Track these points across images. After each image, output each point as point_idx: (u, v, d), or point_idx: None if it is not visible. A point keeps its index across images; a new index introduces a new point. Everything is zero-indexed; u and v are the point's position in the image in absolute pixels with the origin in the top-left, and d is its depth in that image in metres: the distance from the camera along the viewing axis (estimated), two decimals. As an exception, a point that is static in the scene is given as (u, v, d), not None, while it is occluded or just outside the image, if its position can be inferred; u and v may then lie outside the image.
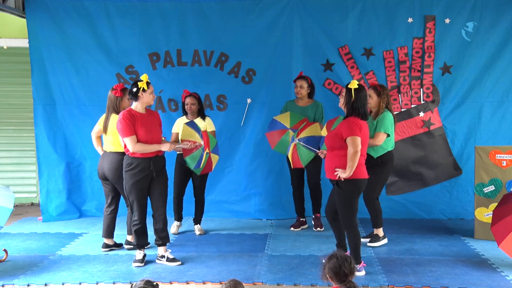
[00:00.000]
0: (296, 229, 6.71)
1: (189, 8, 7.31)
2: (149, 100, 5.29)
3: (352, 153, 4.83)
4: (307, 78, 6.50)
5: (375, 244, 5.95)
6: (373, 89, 5.84)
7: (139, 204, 5.34)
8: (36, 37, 7.29)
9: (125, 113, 5.22)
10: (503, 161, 6.13)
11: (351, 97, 4.93)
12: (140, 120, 5.23)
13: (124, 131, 5.17)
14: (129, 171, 5.27)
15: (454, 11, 7.17)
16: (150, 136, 5.26)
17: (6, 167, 8.47)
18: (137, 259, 5.42)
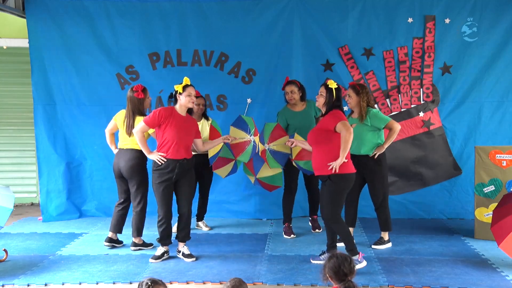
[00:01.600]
0: (289, 236, 6.49)
1: (189, 8, 7.31)
2: (186, 102, 5.44)
3: (346, 135, 4.94)
4: (296, 82, 6.42)
5: (379, 247, 5.93)
6: (352, 89, 5.80)
7: (164, 202, 5.46)
8: (36, 37, 7.29)
9: (165, 109, 5.44)
10: (503, 161, 6.13)
11: (332, 97, 5.11)
12: (176, 119, 5.39)
13: (148, 118, 5.39)
14: (157, 170, 5.41)
15: (454, 11, 7.18)
16: (181, 138, 5.38)
17: (6, 167, 8.47)
18: (156, 255, 5.55)
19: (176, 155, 5.38)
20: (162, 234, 5.56)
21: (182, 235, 5.63)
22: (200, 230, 6.80)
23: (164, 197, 5.46)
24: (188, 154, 5.50)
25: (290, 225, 6.59)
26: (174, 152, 5.37)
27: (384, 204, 5.90)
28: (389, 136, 5.76)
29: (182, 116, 5.47)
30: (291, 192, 6.54)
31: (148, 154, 5.47)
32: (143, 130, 5.43)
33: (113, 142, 6.01)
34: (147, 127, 5.41)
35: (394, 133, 5.74)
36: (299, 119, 6.37)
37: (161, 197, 5.45)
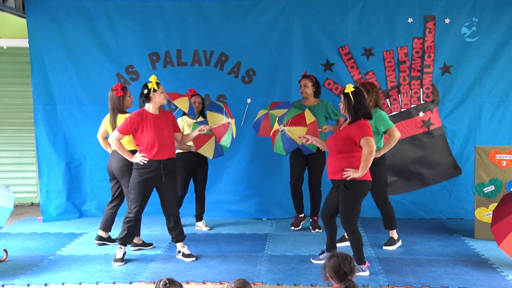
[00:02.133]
0: (296, 227, 6.69)
1: (189, 8, 7.31)
2: (161, 99, 5.38)
3: (367, 153, 4.82)
4: (311, 77, 6.48)
5: (390, 248, 5.91)
6: (362, 87, 5.75)
7: (139, 202, 5.40)
8: (36, 37, 7.29)
9: (135, 114, 5.32)
10: (503, 161, 6.13)
11: (350, 101, 4.95)
12: (151, 121, 5.31)
13: (122, 127, 5.30)
14: (138, 169, 5.36)
15: (454, 11, 7.18)
16: (160, 138, 5.33)
17: (6, 167, 8.48)
18: (118, 258, 5.44)
19: (159, 155, 5.33)
20: (126, 231, 5.41)
21: (175, 235, 5.59)
22: (200, 230, 6.79)
23: (141, 196, 5.37)
24: (171, 153, 5.45)
25: (300, 216, 6.68)
26: (157, 153, 5.32)
27: (385, 203, 5.89)
28: (387, 143, 5.71)
29: (156, 114, 5.38)
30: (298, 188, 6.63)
31: (130, 158, 5.38)
32: (118, 139, 5.35)
33: (108, 145, 5.98)
34: (122, 135, 5.34)
35: (392, 140, 5.68)
36: None
37: (138, 195, 5.35)
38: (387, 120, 5.73)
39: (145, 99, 5.37)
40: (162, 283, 3.26)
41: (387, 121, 5.72)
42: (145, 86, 5.35)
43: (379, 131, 5.72)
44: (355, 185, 4.92)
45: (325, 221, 5.30)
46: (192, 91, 6.53)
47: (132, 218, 5.43)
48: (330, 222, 5.27)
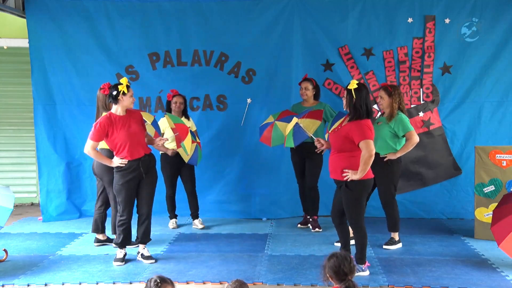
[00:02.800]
0: (303, 225, 6.77)
1: (189, 8, 7.31)
2: (129, 103, 5.36)
3: (366, 156, 4.78)
4: (312, 80, 6.52)
5: (390, 247, 5.91)
6: (384, 90, 5.81)
7: (128, 204, 5.40)
8: (36, 37, 7.29)
9: (104, 119, 5.29)
10: (503, 161, 6.13)
11: (352, 97, 4.90)
12: (120, 123, 5.29)
13: (92, 134, 5.29)
14: (119, 172, 5.34)
15: (454, 11, 7.18)
16: (131, 136, 5.31)
17: (6, 167, 8.47)
18: (118, 258, 5.47)
19: (134, 154, 5.33)
20: (123, 235, 5.44)
21: (142, 236, 5.55)
22: (197, 228, 6.79)
23: (128, 198, 5.38)
24: (146, 149, 5.45)
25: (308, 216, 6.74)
26: (133, 152, 5.31)
27: (391, 205, 5.88)
28: (405, 146, 5.75)
29: (123, 116, 5.34)
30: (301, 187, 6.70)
31: (110, 164, 5.36)
32: (93, 147, 5.32)
33: None
34: (96, 143, 5.31)
35: (410, 144, 5.73)
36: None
37: (125, 198, 5.36)
38: (407, 123, 5.74)
39: (113, 100, 5.32)
40: (153, 282, 3.23)
41: (406, 125, 5.73)
42: (114, 88, 5.30)
43: (398, 135, 5.72)
44: (356, 185, 4.90)
45: (335, 222, 5.24)
46: (174, 92, 6.61)
47: (124, 221, 5.43)
48: (340, 223, 5.22)
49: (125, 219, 5.43)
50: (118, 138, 5.27)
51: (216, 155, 7.43)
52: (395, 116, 5.74)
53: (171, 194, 6.77)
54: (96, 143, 5.33)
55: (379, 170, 5.76)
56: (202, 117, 7.36)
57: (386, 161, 5.76)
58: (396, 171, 5.85)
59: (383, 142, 5.74)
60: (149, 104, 7.41)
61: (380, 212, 6.18)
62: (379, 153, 5.70)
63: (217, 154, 7.43)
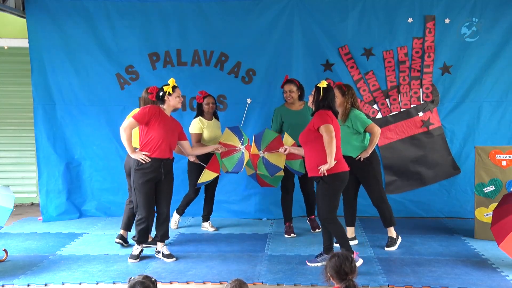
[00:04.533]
0: (289, 235, 6.50)
1: (189, 8, 7.31)
2: (176, 103, 5.49)
3: (328, 139, 4.96)
4: (295, 81, 6.42)
5: (392, 248, 5.89)
6: (338, 89, 5.75)
7: (147, 203, 5.44)
8: (36, 37, 7.29)
9: (155, 107, 5.41)
10: (503, 161, 6.14)
11: (319, 95, 5.13)
12: (164, 118, 5.39)
13: (138, 114, 5.36)
14: (140, 170, 5.37)
15: (454, 11, 7.18)
16: (166, 138, 5.39)
17: (6, 167, 8.47)
18: (134, 255, 5.53)
19: (162, 154, 5.38)
20: (141, 233, 5.51)
21: (161, 235, 5.62)
22: (206, 230, 6.78)
23: (147, 196, 5.42)
24: (171, 154, 5.52)
25: (291, 225, 6.58)
26: (161, 151, 5.36)
27: (382, 200, 5.88)
28: (371, 140, 5.73)
29: (168, 116, 5.48)
30: (288, 192, 6.54)
31: (131, 153, 5.38)
32: (132, 126, 5.35)
33: None
34: (136, 123, 5.34)
35: (374, 136, 5.71)
36: (294, 118, 6.38)
37: (144, 197, 5.40)
38: (363, 118, 5.74)
39: (159, 100, 5.45)
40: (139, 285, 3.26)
41: (363, 119, 5.72)
42: (161, 89, 5.46)
43: (359, 131, 5.71)
44: (332, 178, 5.05)
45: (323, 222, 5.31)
46: (203, 93, 6.52)
47: (143, 220, 5.48)
48: None
49: (144, 218, 5.46)
50: (155, 131, 5.33)
51: (216, 155, 7.42)
52: (349, 113, 5.73)
53: (193, 197, 6.65)
54: (136, 124, 5.33)
55: (360, 171, 5.79)
56: (202, 117, 7.36)
57: (362, 161, 5.75)
58: (376, 167, 5.86)
59: (348, 144, 5.70)
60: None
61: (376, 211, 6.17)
62: (352, 156, 5.73)
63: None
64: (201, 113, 6.54)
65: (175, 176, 6.64)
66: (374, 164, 5.83)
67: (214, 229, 6.75)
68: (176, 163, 6.73)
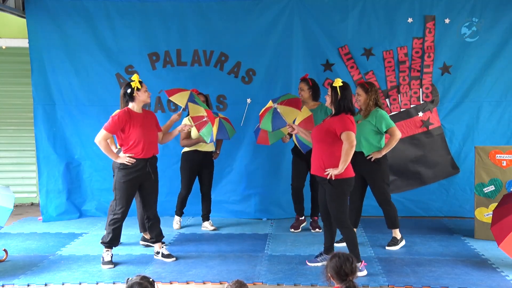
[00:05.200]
0: (296, 230, 6.67)
1: (189, 8, 7.31)
2: (145, 98, 5.35)
3: (347, 147, 4.86)
4: (309, 80, 6.43)
5: (394, 248, 5.90)
6: (361, 87, 5.80)
7: (126, 202, 5.35)
8: (36, 37, 7.29)
9: (123, 113, 5.26)
10: (503, 161, 6.14)
11: (337, 95, 5.01)
12: (136, 120, 5.28)
13: (109, 125, 5.22)
14: (124, 169, 5.30)
15: (454, 11, 7.19)
16: (146, 136, 5.31)
17: (6, 167, 8.47)
18: (107, 261, 5.37)
19: (146, 154, 5.32)
20: (112, 234, 5.35)
21: (155, 235, 5.57)
22: (206, 230, 6.78)
23: (128, 196, 5.34)
24: (156, 150, 5.45)
25: (300, 218, 6.67)
26: (144, 151, 5.30)
27: (387, 202, 5.88)
28: (389, 143, 5.74)
29: (140, 113, 5.35)
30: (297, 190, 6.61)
31: (116, 159, 5.31)
32: (106, 138, 5.25)
33: None
34: (109, 134, 5.26)
35: (393, 140, 5.71)
36: None
37: (124, 196, 5.31)
38: (388, 119, 5.74)
39: (129, 98, 5.32)
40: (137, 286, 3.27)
41: (388, 120, 5.73)
42: (128, 85, 5.31)
43: (381, 131, 5.72)
44: (339, 183, 4.97)
45: (326, 222, 5.27)
46: (195, 91, 6.52)
47: (118, 219, 5.37)
48: (331, 223, 5.25)
49: (120, 217, 5.36)
50: (133, 134, 5.25)
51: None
52: (373, 112, 5.72)
53: (185, 194, 6.69)
54: (110, 134, 5.29)
55: (368, 170, 5.78)
56: (202, 117, 7.35)
57: (373, 160, 5.75)
58: (384, 168, 5.85)
59: (365, 141, 5.73)
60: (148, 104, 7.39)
61: (378, 211, 6.18)
62: (363, 153, 5.73)
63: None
64: None
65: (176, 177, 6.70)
66: (383, 166, 5.82)
67: (213, 228, 6.76)
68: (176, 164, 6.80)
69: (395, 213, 5.91)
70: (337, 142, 4.94)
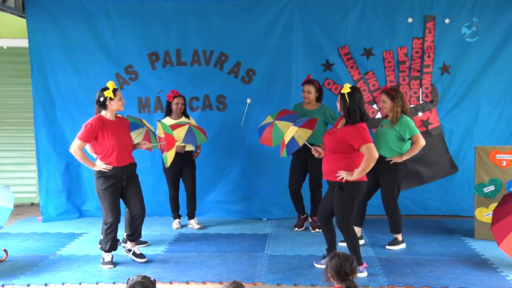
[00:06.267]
0: (300, 228, 6.70)
1: (189, 8, 7.31)
2: (118, 106, 5.28)
3: (370, 160, 4.76)
4: (315, 82, 6.45)
5: (393, 248, 5.91)
6: (386, 94, 5.80)
7: (114, 207, 5.31)
8: (36, 37, 7.28)
9: (95, 120, 5.20)
10: (503, 161, 6.14)
11: (345, 101, 4.89)
12: (110, 127, 5.24)
13: (82, 134, 5.16)
14: (102, 177, 5.25)
15: (454, 11, 7.19)
16: (120, 143, 5.28)
17: (6, 167, 8.47)
18: (107, 261, 5.40)
19: (121, 161, 5.27)
20: (111, 241, 5.35)
21: (135, 236, 5.55)
22: (193, 228, 6.80)
23: (113, 202, 5.29)
24: (131, 158, 5.42)
25: (302, 217, 6.72)
26: (120, 159, 5.25)
27: (394, 207, 5.88)
28: (411, 149, 5.73)
29: (113, 121, 5.29)
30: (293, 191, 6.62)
31: (92, 167, 5.26)
32: (80, 147, 5.18)
33: None
34: (84, 143, 5.17)
35: (416, 147, 5.71)
36: None
37: (111, 202, 5.27)
38: (413, 126, 5.73)
39: (101, 105, 5.26)
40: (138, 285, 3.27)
41: (412, 128, 5.72)
42: (101, 93, 5.23)
43: (404, 138, 5.71)
44: (350, 187, 4.89)
45: (321, 222, 5.23)
46: (175, 92, 6.57)
47: (111, 227, 5.33)
48: (326, 224, 5.20)
49: (113, 225, 5.32)
50: (107, 142, 5.20)
51: (215, 156, 7.42)
52: (399, 119, 5.73)
53: (173, 194, 6.77)
54: (84, 143, 5.21)
55: (384, 172, 5.77)
56: (202, 117, 7.35)
57: (391, 164, 5.75)
58: (400, 174, 5.85)
59: (387, 146, 5.74)
60: (148, 104, 7.40)
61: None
62: (384, 156, 5.71)
63: (216, 154, 7.43)
64: (169, 112, 6.63)
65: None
66: (400, 172, 5.81)
67: (199, 227, 6.77)
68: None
69: (399, 219, 5.92)
70: (351, 152, 4.87)
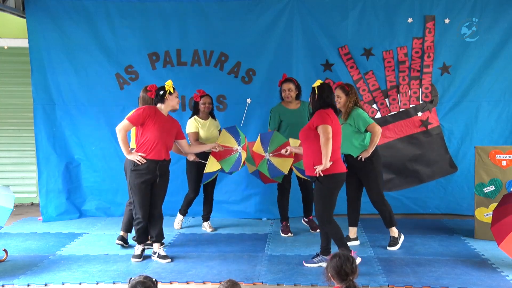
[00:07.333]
0: (287, 234, 6.52)
1: (189, 8, 7.31)
2: (174, 103, 5.47)
3: (323, 141, 4.95)
4: (293, 80, 6.44)
5: (395, 248, 5.89)
6: (341, 89, 5.77)
7: (143, 203, 5.44)
8: (36, 37, 7.28)
9: (149, 108, 5.40)
10: (503, 161, 6.14)
11: (315, 95, 5.16)
12: (159, 119, 5.36)
13: (133, 116, 5.35)
14: (135, 171, 5.37)
15: (454, 11, 7.19)
16: (162, 139, 5.36)
17: (6, 167, 8.47)
18: (136, 254, 5.55)
19: (157, 155, 5.36)
20: (139, 232, 5.54)
21: (156, 235, 5.59)
22: (205, 230, 6.78)
23: (143, 197, 5.42)
24: (167, 155, 5.49)
25: (288, 224, 6.59)
26: (156, 152, 5.35)
27: (381, 202, 5.88)
28: (372, 140, 5.71)
29: (164, 116, 5.45)
30: (284, 193, 6.56)
31: (127, 154, 5.37)
32: (126, 128, 5.35)
33: None
34: (131, 125, 5.35)
35: (375, 136, 5.67)
36: (293, 116, 6.41)
37: (140, 198, 5.41)
38: (365, 117, 5.72)
39: (160, 99, 5.43)
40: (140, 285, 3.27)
41: (365, 118, 5.70)
42: (161, 88, 5.46)
43: (361, 130, 5.71)
44: (328, 179, 5.05)
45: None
46: (201, 92, 6.52)
47: (141, 220, 5.49)
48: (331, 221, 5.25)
49: (141, 218, 5.48)
50: (150, 132, 5.31)
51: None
52: (352, 112, 5.72)
53: (193, 197, 6.66)
54: (131, 125, 5.34)
55: (361, 171, 5.79)
56: (202, 117, 7.35)
57: (364, 160, 5.74)
58: (377, 167, 5.83)
59: (348, 143, 5.72)
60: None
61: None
62: (352, 155, 5.74)
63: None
64: (197, 112, 6.55)
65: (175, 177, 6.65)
66: (376, 164, 5.81)
67: (212, 230, 6.75)
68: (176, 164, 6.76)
69: (390, 212, 5.91)
70: (318, 137, 5.03)
